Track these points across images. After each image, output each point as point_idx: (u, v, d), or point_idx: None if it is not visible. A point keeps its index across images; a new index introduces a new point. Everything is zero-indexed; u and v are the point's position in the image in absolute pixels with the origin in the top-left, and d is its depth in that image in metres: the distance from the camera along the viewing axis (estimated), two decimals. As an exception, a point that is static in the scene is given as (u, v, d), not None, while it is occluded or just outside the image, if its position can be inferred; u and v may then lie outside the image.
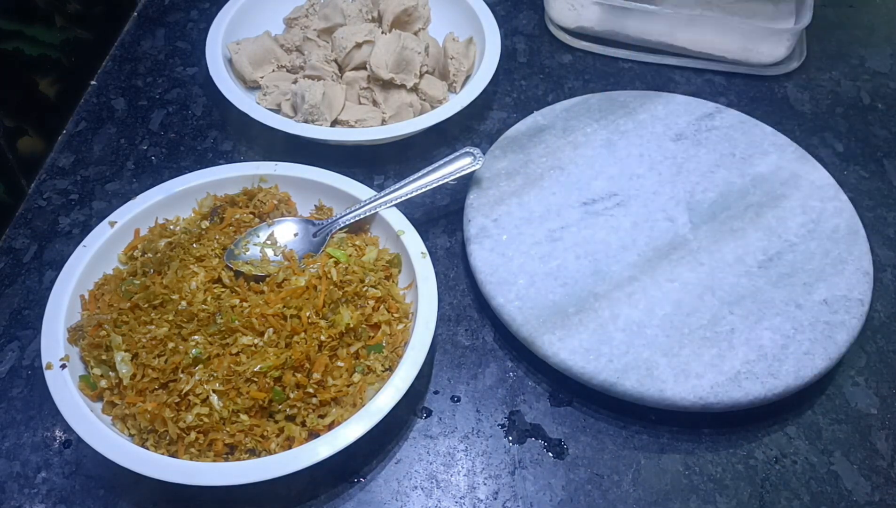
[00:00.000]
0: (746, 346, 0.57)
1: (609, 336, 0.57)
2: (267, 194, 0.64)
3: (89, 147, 0.74)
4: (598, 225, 0.64)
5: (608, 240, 0.63)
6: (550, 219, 0.64)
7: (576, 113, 0.72)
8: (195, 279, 0.58)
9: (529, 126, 0.71)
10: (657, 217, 0.64)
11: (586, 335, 0.57)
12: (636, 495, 0.54)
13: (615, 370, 0.55)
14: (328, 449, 0.50)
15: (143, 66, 0.81)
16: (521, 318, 0.58)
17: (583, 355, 0.56)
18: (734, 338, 0.57)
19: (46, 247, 0.66)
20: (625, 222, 0.64)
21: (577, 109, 0.72)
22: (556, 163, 0.68)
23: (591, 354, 0.56)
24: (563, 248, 0.62)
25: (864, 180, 0.72)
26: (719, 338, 0.57)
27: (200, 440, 0.52)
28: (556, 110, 0.72)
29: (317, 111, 0.70)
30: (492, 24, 0.77)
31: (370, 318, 0.57)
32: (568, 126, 0.71)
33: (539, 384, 0.59)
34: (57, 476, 0.54)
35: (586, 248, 0.62)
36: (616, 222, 0.64)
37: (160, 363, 0.53)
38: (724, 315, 0.58)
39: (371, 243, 0.62)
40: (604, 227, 0.64)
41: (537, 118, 0.72)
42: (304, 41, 0.77)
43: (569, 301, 0.59)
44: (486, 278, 0.61)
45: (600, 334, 0.57)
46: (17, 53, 0.68)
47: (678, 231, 0.63)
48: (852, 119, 0.77)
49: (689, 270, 0.61)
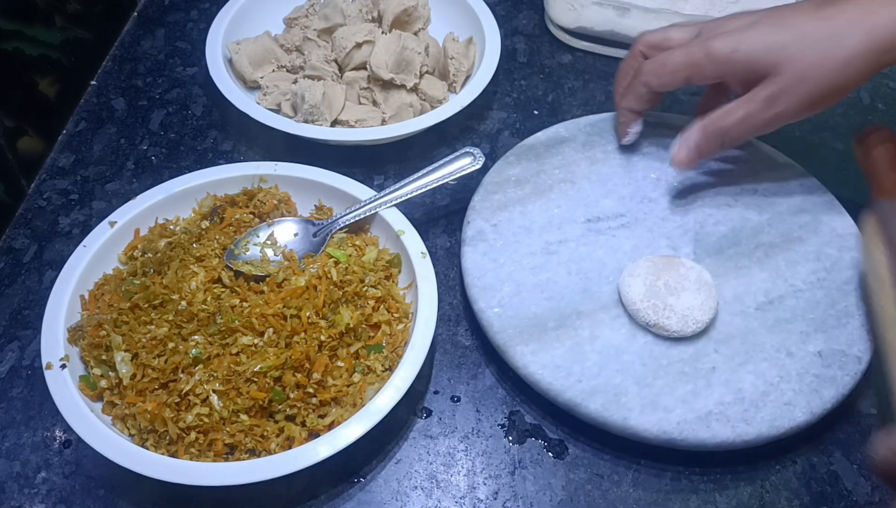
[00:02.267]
0: (725, 387, 0.54)
1: (583, 356, 0.56)
2: (267, 194, 0.64)
3: (89, 147, 0.74)
4: (598, 244, 0.62)
5: (604, 260, 0.61)
6: (550, 231, 0.63)
7: (600, 129, 0.70)
8: (195, 279, 0.58)
9: (550, 136, 0.69)
10: (660, 243, 0.62)
11: (560, 352, 0.56)
12: (636, 495, 0.54)
13: (582, 391, 0.54)
14: (328, 449, 0.50)
15: (143, 66, 0.81)
16: (499, 325, 0.57)
17: (552, 371, 0.55)
18: (713, 377, 0.55)
19: (46, 247, 0.66)
20: (626, 244, 0.62)
21: (603, 124, 0.70)
22: (568, 176, 0.66)
23: (562, 371, 0.55)
24: (556, 262, 0.61)
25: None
26: (698, 374, 0.55)
27: (200, 440, 0.52)
28: (581, 124, 0.70)
29: (317, 111, 0.70)
30: (492, 24, 0.77)
31: (370, 318, 0.57)
32: (589, 141, 0.69)
33: (539, 384, 0.59)
34: (57, 476, 0.54)
35: (580, 265, 0.61)
36: (617, 243, 0.62)
37: (160, 363, 0.53)
38: (709, 352, 0.56)
39: (371, 243, 0.62)
40: (603, 246, 0.62)
41: (559, 129, 0.70)
42: (304, 41, 0.77)
43: (550, 315, 0.58)
44: (472, 280, 0.60)
45: (575, 352, 0.56)
46: (17, 53, 0.68)
47: None
48: (852, 119, 0.77)
49: None
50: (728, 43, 0.56)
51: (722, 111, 0.58)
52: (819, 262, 0.61)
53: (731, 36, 0.56)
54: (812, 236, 0.63)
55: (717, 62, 0.56)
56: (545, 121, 0.76)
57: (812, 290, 0.60)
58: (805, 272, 0.61)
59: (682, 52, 0.58)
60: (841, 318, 0.58)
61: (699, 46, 0.57)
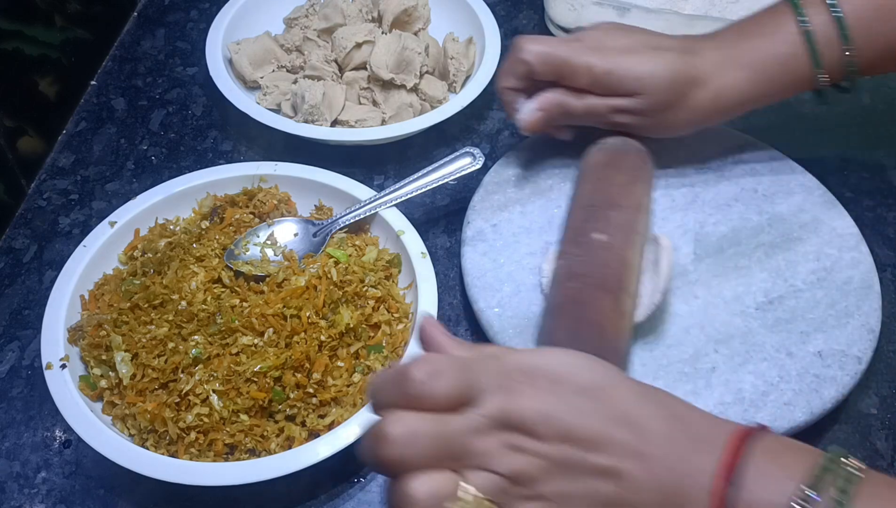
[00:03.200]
0: (724, 387, 0.54)
1: None
2: (267, 194, 0.64)
3: (89, 147, 0.74)
4: None
5: None
6: (551, 231, 0.63)
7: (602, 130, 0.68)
8: (195, 279, 0.58)
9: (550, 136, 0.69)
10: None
11: None
12: (636, 495, 0.54)
13: None
14: (328, 449, 0.50)
15: (143, 66, 0.81)
16: (498, 325, 0.57)
17: None
18: (713, 377, 0.55)
19: (46, 247, 0.66)
20: None
21: None
22: (568, 176, 0.66)
23: None
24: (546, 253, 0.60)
25: (864, 180, 0.72)
26: (698, 375, 0.55)
27: (200, 440, 0.52)
28: None
29: (317, 111, 0.70)
30: (492, 24, 0.77)
31: (370, 318, 0.57)
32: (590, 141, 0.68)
33: (539, 384, 0.59)
34: (57, 476, 0.54)
35: None
36: None
37: (160, 363, 0.53)
38: (709, 353, 0.56)
39: (371, 243, 0.62)
40: None
41: None
42: (304, 41, 0.77)
43: None
44: (472, 280, 0.60)
45: None
46: (17, 53, 0.68)
47: (679, 261, 0.61)
48: (852, 119, 0.77)
49: (683, 301, 0.59)
50: (605, 64, 0.58)
51: (574, 95, 0.60)
52: (819, 262, 0.61)
53: (608, 57, 0.59)
54: (812, 236, 0.63)
55: (592, 77, 0.59)
56: (545, 121, 0.76)
57: (812, 290, 0.59)
58: (805, 272, 0.60)
59: (562, 51, 0.59)
60: (841, 318, 0.58)
61: (578, 56, 0.59)
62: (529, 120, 0.61)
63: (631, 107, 0.60)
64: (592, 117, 0.61)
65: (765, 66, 0.59)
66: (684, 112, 0.60)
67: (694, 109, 0.60)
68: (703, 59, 0.59)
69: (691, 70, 0.58)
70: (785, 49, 0.58)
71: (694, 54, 0.59)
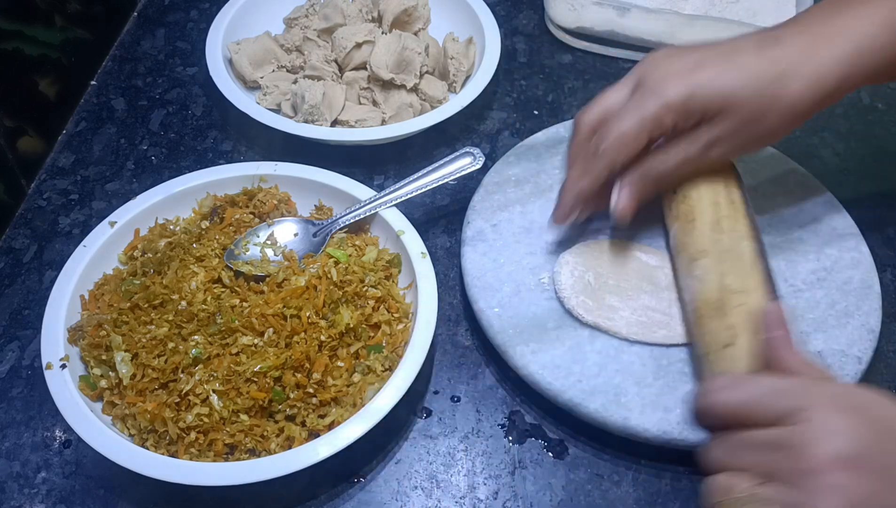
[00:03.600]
0: None
1: (583, 356, 0.56)
2: (267, 194, 0.64)
3: (89, 147, 0.74)
4: None
5: None
6: (550, 231, 0.63)
7: None
8: (195, 279, 0.58)
9: (550, 136, 0.69)
10: (661, 243, 0.62)
11: (560, 352, 0.56)
12: (636, 495, 0.54)
13: (582, 391, 0.54)
14: (328, 449, 0.50)
15: (143, 66, 0.81)
16: (499, 325, 0.57)
17: (552, 371, 0.55)
18: None
19: (46, 247, 0.66)
20: None
21: None
22: None
23: (561, 371, 0.55)
24: (556, 261, 0.61)
25: (863, 180, 0.72)
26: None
27: (200, 440, 0.52)
28: None
29: (317, 111, 0.70)
30: (492, 24, 0.77)
31: (370, 318, 0.57)
32: None
33: (539, 384, 0.59)
34: (57, 476, 0.54)
35: None
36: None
37: (160, 363, 0.53)
38: None
39: (371, 243, 0.62)
40: None
41: (559, 129, 0.69)
42: (304, 41, 0.77)
43: (550, 316, 0.58)
44: (472, 280, 0.60)
45: (575, 352, 0.56)
46: (17, 53, 0.68)
47: None
48: (852, 119, 0.77)
49: None
50: (682, 88, 0.52)
51: (659, 157, 0.55)
52: (819, 262, 0.61)
53: (681, 80, 0.52)
54: (812, 236, 0.63)
55: (676, 110, 0.52)
56: (545, 121, 0.76)
57: (812, 290, 0.59)
58: (805, 272, 0.60)
59: (634, 113, 0.53)
60: (840, 318, 0.58)
61: (650, 99, 0.53)
62: (627, 207, 0.56)
63: (723, 134, 0.53)
64: (687, 165, 0.55)
65: (872, 34, 0.51)
66: (781, 113, 0.53)
67: (793, 106, 0.52)
68: (785, 48, 0.52)
69: (775, 65, 0.52)
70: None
71: (773, 46, 0.53)
